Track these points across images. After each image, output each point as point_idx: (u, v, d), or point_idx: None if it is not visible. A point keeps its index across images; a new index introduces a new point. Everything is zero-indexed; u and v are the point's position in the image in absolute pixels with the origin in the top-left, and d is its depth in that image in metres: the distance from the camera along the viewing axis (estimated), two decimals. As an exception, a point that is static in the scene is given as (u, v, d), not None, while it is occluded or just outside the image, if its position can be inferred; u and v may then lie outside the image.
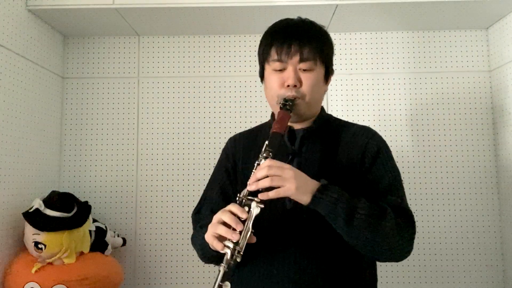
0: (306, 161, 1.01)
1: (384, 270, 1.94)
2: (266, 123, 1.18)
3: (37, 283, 1.52)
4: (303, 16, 1.11)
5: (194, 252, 1.07)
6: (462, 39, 2.05)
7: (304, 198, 0.88)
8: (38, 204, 1.61)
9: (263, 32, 1.08)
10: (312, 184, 0.90)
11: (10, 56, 1.66)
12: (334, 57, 1.12)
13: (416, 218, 2.00)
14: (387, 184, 1.00)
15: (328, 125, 1.10)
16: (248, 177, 0.97)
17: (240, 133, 1.19)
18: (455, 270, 1.94)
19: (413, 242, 0.97)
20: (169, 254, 1.98)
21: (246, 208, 0.87)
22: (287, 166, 0.89)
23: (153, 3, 1.74)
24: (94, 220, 1.83)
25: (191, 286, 1.96)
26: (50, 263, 1.59)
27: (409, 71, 2.04)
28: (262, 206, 0.86)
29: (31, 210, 1.60)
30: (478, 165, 1.98)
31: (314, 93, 1.03)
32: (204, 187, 1.16)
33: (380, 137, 1.09)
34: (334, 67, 1.13)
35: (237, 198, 0.90)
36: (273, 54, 1.01)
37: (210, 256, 0.97)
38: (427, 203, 1.97)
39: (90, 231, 1.73)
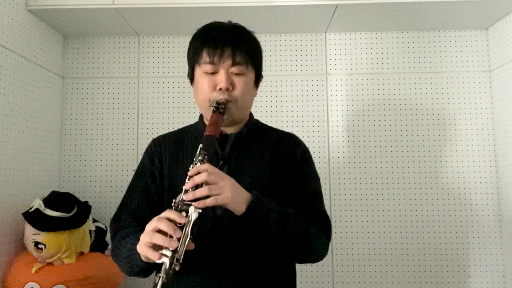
0: (236, 167, 1.02)
1: (384, 270, 1.95)
2: (192, 125, 1.17)
3: (37, 283, 1.52)
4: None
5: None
6: (462, 39, 2.05)
7: (239, 208, 0.89)
8: (38, 204, 1.61)
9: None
10: (245, 195, 0.91)
11: (10, 56, 1.66)
12: (334, 57, 1.12)
13: (416, 218, 2.01)
14: (312, 192, 1.06)
15: (257, 131, 1.12)
16: (176, 181, 0.99)
17: (164, 135, 1.15)
18: (455, 270, 1.94)
19: (328, 247, 1.03)
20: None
21: (184, 214, 0.83)
22: (224, 174, 0.90)
23: (153, 3, 1.74)
24: (94, 220, 1.83)
25: (191, 286, 1.96)
26: (50, 263, 1.59)
27: (409, 71, 2.04)
28: (200, 211, 0.85)
29: (31, 210, 1.60)
30: (478, 165, 1.98)
31: (245, 96, 1.04)
32: None
33: (304, 145, 1.13)
34: (334, 67, 1.13)
35: (173, 204, 0.86)
36: (205, 57, 1.01)
37: (140, 270, 0.92)
38: (427, 203, 1.97)
39: (90, 231, 1.73)
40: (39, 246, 1.57)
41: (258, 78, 1.10)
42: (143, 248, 0.83)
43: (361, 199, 1.99)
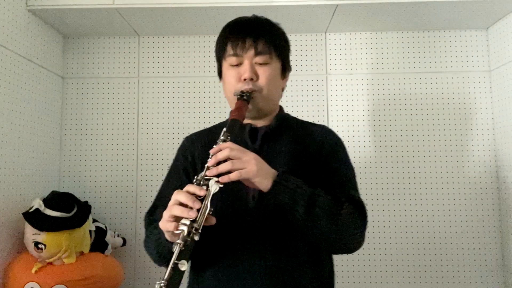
0: (267, 159, 1.00)
1: (384, 270, 1.95)
2: (224, 122, 1.16)
3: (37, 283, 1.52)
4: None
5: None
6: (462, 39, 2.05)
7: (265, 182, 0.87)
8: (38, 204, 1.61)
9: None
10: (271, 170, 0.89)
11: (10, 56, 1.66)
12: (335, 57, 1.12)
13: (416, 218, 2.01)
14: (343, 177, 1.03)
15: (287, 123, 1.10)
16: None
17: (196, 133, 1.16)
18: (455, 270, 1.94)
19: (364, 233, 0.99)
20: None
21: (204, 187, 0.83)
22: (247, 150, 0.89)
23: (153, 3, 1.74)
24: (94, 220, 1.83)
25: (191, 286, 1.96)
26: (50, 263, 1.59)
27: (409, 71, 2.04)
28: (222, 185, 0.84)
29: (31, 210, 1.60)
30: (478, 165, 1.98)
31: (271, 86, 1.03)
32: None
33: (337, 135, 1.11)
34: (335, 67, 1.13)
35: (194, 180, 0.86)
36: (229, 49, 1.02)
37: (167, 252, 0.89)
38: (427, 202, 1.97)
39: (90, 231, 1.73)
40: (39, 246, 1.57)
41: (284, 69, 1.08)
42: (163, 223, 0.83)
43: (361, 199, 1.98)
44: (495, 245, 1.94)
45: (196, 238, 0.79)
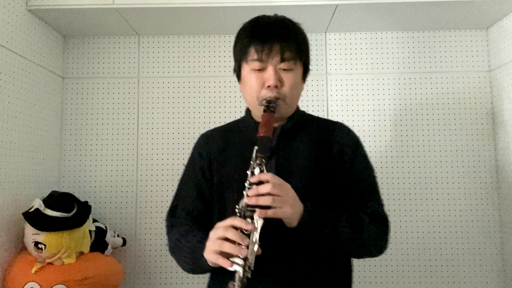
0: (284, 159, 1.01)
1: (384, 270, 1.95)
2: (240, 119, 1.16)
3: (37, 283, 1.52)
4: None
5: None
6: (462, 39, 2.05)
7: (292, 223, 0.89)
8: (38, 204, 1.61)
9: None
10: (300, 210, 0.90)
11: (10, 56, 1.66)
12: (335, 57, 1.13)
13: (416, 218, 2.01)
14: (366, 187, 1.04)
15: (303, 121, 1.10)
16: (224, 176, 1.00)
17: (212, 130, 1.16)
18: (455, 270, 1.94)
19: (388, 241, 1.03)
20: (169, 254, 1.98)
21: (249, 220, 0.84)
22: (287, 185, 0.89)
23: (153, 3, 1.74)
24: (94, 220, 1.83)
25: (191, 286, 1.96)
26: (50, 263, 1.59)
27: (409, 71, 2.04)
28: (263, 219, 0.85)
29: (31, 210, 1.60)
30: (478, 165, 1.98)
31: (294, 92, 1.03)
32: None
33: (356, 136, 1.10)
34: (335, 67, 1.13)
35: (237, 210, 0.87)
36: (253, 54, 0.99)
37: (202, 271, 0.96)
38: (427, 203, 1.97)
39: (90, 231, 1.73)
40: (39, 246, 1.57)
41: (306, 72, 1.08)
42: (212, 256, 0.85)
43: (361, 199, 1.98)
44: (495, 245, 1.94)
45: (249, 275, 0.81)
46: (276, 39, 0.98)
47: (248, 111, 1.12)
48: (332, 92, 2.04)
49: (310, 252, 0.97)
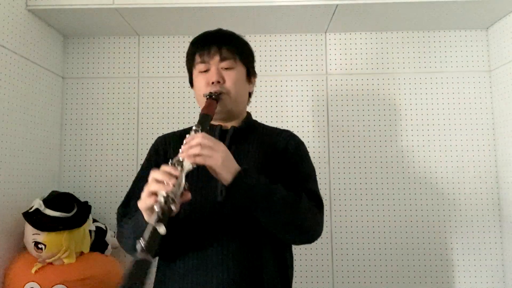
0: (236, 159, 1.05)
1: (384, 270, 1.95)
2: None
3: (37, 283, 1.53)
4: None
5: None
6: (462, 39, 2.05)
7: (226, 177, 0.92)
8: (38, 204, 1.61)
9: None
10: (235, 166, 0.95)
11: (10, 56, 1.66)
12: (334, 57, 1.13)
13: (416, 218, 2.01)
14: (304, 174, 1.11)
15: (254, 126, 1.20)
16: None
17: (168, 134, 1.24)
18: (455, 270, 1.94)
19: (322, 225, 1.07)
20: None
21: (179, 168, 0.89)
22: (220, 143, 0.95)
23: (153, 3, 1.74)
24: (94, 220, 1.83)
25: (191, 286, 1.96)
26: (50, 263, 1.59)
27: (409, 71, 2.04)
28: (195, 165, 0.91)
29: (31, 210, 1.60)
30: (478, 165, 1.98)
31: (238, 89, 1.12)
32: None
33: (299, 138, 1.19)
34: (334, 67, 1.14)
35: (169, 163, 0.92)
36: (197, 58, 1.13)
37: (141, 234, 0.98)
38: (427, 203, 1.97)
39: (90, 231, 1.73)
40: (39, 246, 1.57)
41: (249, 74, 1.18)
42: (142, 201, 0.89)
43: (361, 199, 1.99)
44: (495, 245, 1.94)
45: (173, 208, 0.84)
46: (214, 42, 1.12)
47: None
48: (332, 92, 2.04)
49: (253, 236, 1.03)
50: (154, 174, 0.89)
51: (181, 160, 0.91)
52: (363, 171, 2.00)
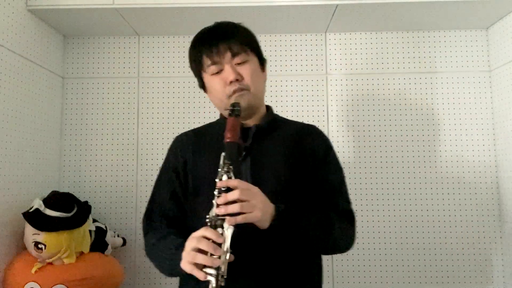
0: (258, 158, 1.04)
1: (384, 270, 1.95)
2: (214, 122, 1.21)
3: (37, 283, 1.52)
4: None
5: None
6: (462, 39, 2.05)
7: (263, 225, 0.91)
8: (38, 204, 1.61)
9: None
10: (271, 210, 0.92)
11: (10, 56, 1.66)
12: (334, 57, 1.13)
13: (416, 218, 2.01)
14: (333, 186, 1.09)
15: (276, 123, 1.14)
16: (198, 175, 1.04)
17: (186, 133, 1.20)
18: (455, 270, 1.94)
19: (355, 237, 1.09)
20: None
21: (220, 230, 0.86)
22: (255, 189, 0.91)
23: (153, 3, 1.74)
24: (94, 220, 1.83)
25: (191, 286, 1.96)
26: (50, 263, 1.59)
27: (409, 71, 2.04)
28: (233, 227, 0.87)
29: (31, 210, 1.60)
30: (478, 165, 1.98)
31: (256, 82, 1.06)
32: None
33: (327, 138, 1.16)
34: (334, 67, 1.14)
35: (207, 220, 0.88)
36: (206, 60, 1.04)
37: (178, 275, 1.00)
38: (427, 203, 1.97)
39: (90, 231, 1.73)
40: (39, 246, 1.57)
41: (261, 61, 1.12)
42: (187, 266, 0.87)
43: (361, 199, 1.98)
44: (495, 245, 1.94)
45: (223, 284, 0.84)
46: (220, 39, 1.03)
47: (221, 115, 1.18)
48: (332, 92, 2.04)
49: (282, 253, 1.00)
50: (198, 243, 0.85)
51: (220, 218, 0.87)
52: (364, 171, 1.99)
